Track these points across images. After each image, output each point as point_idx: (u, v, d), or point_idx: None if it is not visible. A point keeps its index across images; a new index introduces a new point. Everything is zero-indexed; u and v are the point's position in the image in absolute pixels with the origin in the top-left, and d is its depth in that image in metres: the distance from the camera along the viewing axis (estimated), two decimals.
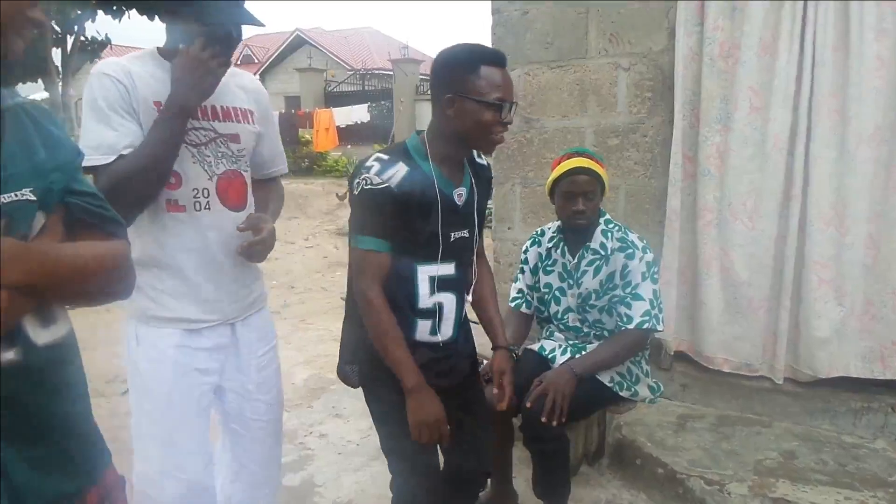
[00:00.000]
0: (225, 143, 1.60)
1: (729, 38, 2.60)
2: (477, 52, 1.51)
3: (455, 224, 1.62)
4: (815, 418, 2.71)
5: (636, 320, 2.18)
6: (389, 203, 1.50)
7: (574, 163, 2.21)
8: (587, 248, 2.28)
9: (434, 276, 1.61)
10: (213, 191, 1.58)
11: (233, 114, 1.63)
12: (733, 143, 2.64)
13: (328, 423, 3.28)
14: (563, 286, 2.36)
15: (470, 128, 1.52)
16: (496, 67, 1.51)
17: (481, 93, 1.48)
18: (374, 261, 1.55)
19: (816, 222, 2.53)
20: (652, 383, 2.40)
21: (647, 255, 2.22)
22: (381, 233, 1.53)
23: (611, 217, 2.34)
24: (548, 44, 3.07)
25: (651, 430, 2.70)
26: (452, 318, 1.69)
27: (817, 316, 2.57)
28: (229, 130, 1.62)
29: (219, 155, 1.59)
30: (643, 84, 2.88)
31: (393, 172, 1.51)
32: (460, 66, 1.51)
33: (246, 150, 1.67)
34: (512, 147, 3.25)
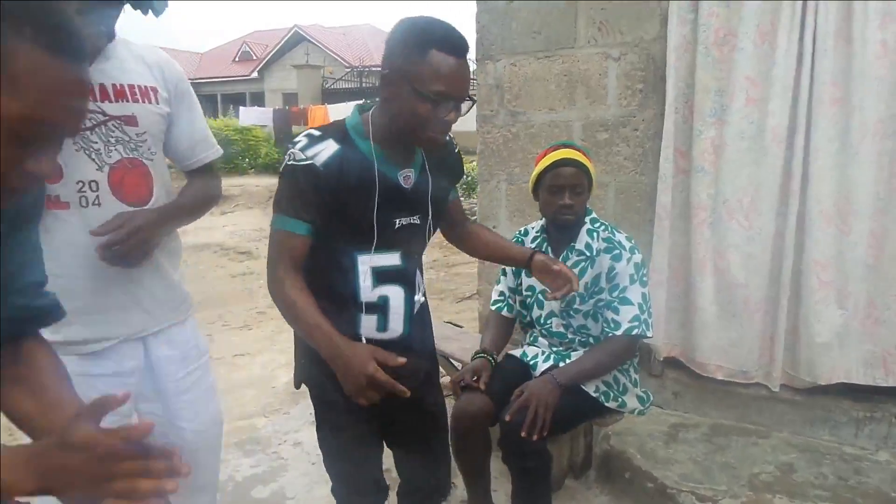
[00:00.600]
0: (118, 126, 1.39)
1: (725, 26, 2.45)
2: (432, 31, 1.31)
3: (400, 209, 1.46)
4: (814, 428, 2.58)
5: (624, 326, 2.05)
6: (313, 182, 1.34)
7: (560, 154, 2.07)
8: (572, 249, 2.15)
9: (377, 267, 1.46)
10: (105, 183, 1.37)
11: (128, 92, 1.41)
12: (729, 137, 2.50)
13: (304, 431, 3.14)
14: (544, 288, 2.22)
15: (401, 116, 1.35)
16: (450, 56, 1.30)
17: (421, 81, 1.29)
18: (290, 244, 1.37)
19: (817, 220, 2.40)
20: (641, 393, 2.26)
21: (636, 257, 2.08)
22: (300, 214, 1.36)
23: (598, 216, 2.20)
24: (534, 33, 2.92)
25: (641, 441, 2.57)
26: (401, 312, 1.52)
27: (817, 319, 2.44)
28: (123, 111, 1.40)
29: (111, 141, 1.38)
30: (634, 75, 2.74)
31: (320, 149, 1.35)
32: (409, 42, 1.31)
33: (149, 133, 1.46)
34: (497, 142, 3.11)
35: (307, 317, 1.32)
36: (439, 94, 1.30)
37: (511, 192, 3.12)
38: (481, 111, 3.13)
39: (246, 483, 2.71)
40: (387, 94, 1.36)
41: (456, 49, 1.31)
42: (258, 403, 3.71)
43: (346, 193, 1.36)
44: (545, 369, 2.16)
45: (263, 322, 5.42)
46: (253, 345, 4.76)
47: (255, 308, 5.88)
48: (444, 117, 1.33)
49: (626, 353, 2.14)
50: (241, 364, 4.38)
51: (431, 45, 1.29)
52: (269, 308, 5.81)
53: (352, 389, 1.31)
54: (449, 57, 1.30)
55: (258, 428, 3.29)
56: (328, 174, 1.34)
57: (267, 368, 4.20)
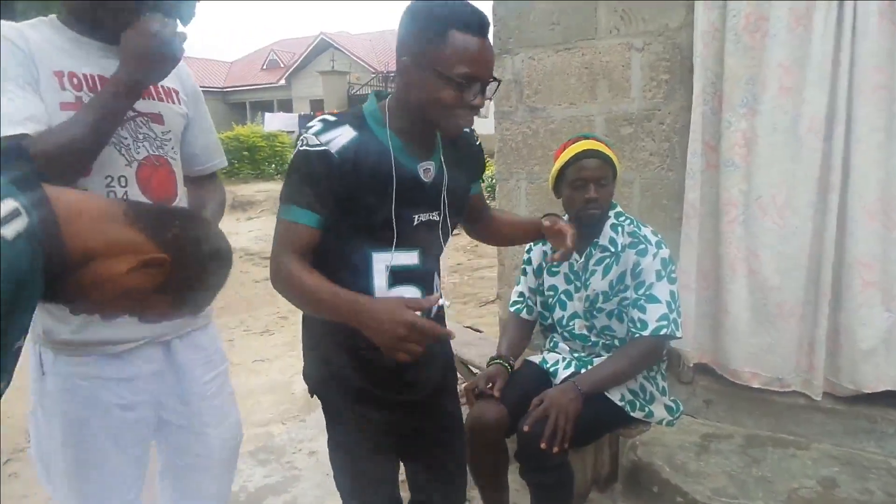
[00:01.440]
0: (146, 123, 1.38)
1: (756, 10, 2.31)
2: (450, 10, 1.21)
3: (419, 204, 1.36)
4: (858, 440, 2.41)
5: (651, 326, 1.91)
6: (326, 170, 1.24)
7: (581, 146, 1.97)
8: (595, 245, 2.03)
9: (393, 266, 1.35)
10: (133, 179, 1.34)
11: (154, 91, 1.41)
12: (761, 129, 2.35)
13: (320, 440, 3.03)
14: (569, 289, 2.10)
15: (427, 103, 1.25)
16: (472, 35, 1.21)
17: (445, 64, 1.20)
18: (298, 235, 1.27)
19: (859, 217, 2.23)
20: (670, 402, 2.12)
21: (662, 252, 1.95)
22: (312, 204, 1.26)
23: (622, 210, 2.08)
24: (553, 24, 2.80)
25: (670, 452, 2.43)
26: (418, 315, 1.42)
27: (861, 323, 2.27)
28: (151, 109, 1.40)
29: (139, 137, 1.37)
30: (659, 66, 2.60)
31: (336, 135, 1.26)
32: (425, 25, 1.22)
33: (172, 133, 1.45)
34: (516, 139, 2.99)
35: (322, 291, 1.22)
36: (465, 76, 1.21)
37: (531, 192, 3.00)
38: (499, 107, 3.03)
39: (258, 493, 2.64)
40: (407, 81, 1.27)
41: (477, 28, 1.22)
42: (275, 410, 3.65)
43: (361, 184, 1.28)
44: (566, 377, 2.04)
45: (285, 327, 5.39)
46: (273, 350, 4.72)
47: (277, 313, 5.86)
48: (472, 101, 1.25)
49: (654, 356, 2.01)
50: (260, 369, 4.34)
51: (451, 25, 1.20)
52: (290, 313, 5.78)
53: (389, 344, 1.17)
54: (471, 37, 1.21)
55: (274, 436, 3.22)
56: (343, 162, 1.25)
57: (286, 374, 4.14)
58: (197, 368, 1.52)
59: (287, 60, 31.15)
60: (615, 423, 2.10)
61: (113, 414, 1.36)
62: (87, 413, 1.34)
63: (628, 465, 2.47)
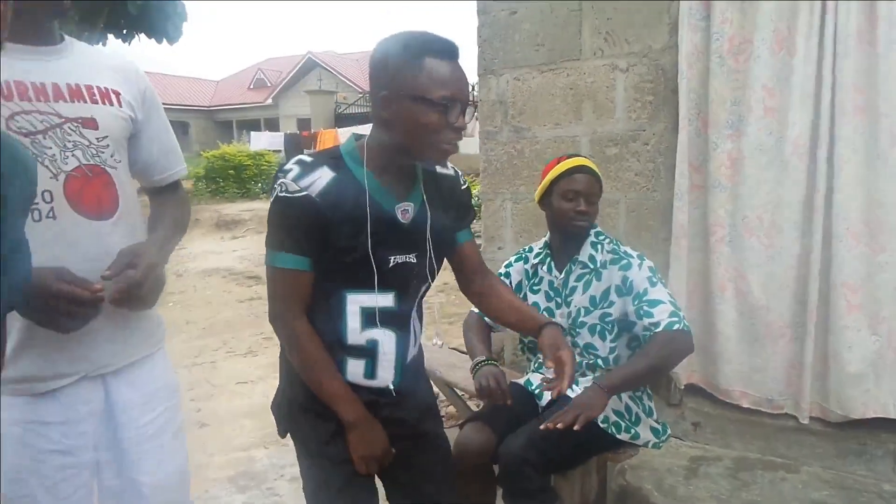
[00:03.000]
0: (76, 129, 1.25)
1: (739, 33, 2.32)
2: (421, 40, 1.23)
3: (396, 246, 1.34)
4: (848, 462, 2.39)
5: (664, 322, 1.84)
6: (308, 214, 1.23)
7: (576, 161, 1.98)
8: (575, 262, 2.01)
9: (365, 308, 1.33)
10: (60, 193, 1.22)
11: (84, 92, 1.28)
12: (747, 150, 2.36)
13: None
14: (550, 306, 2.07)
15: (412, 133, 1.24)
16: (444, 60, 1.23)
17: (423, 90, 1.21)
18: (293, 282, 1.28)
19: (844, 238, 2.23)
20: (656, 424, 2.08)
21: (646, 262, 1.95)
22: (301, 249, 1.27)
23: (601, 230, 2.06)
24: (538, 45, 2.81)
25: (659, 476, 2.39)
26: (392, 360, 1.39)
27: (848, 347, 2.26)
28: (80, 113, 1.26)
29: (68, 145, 1.24)
30: (643, 87, 2.61)
31: (315, 178, 1.25)
32: (399, 57, 1.23)
33: (111, 138, 1.31)
34: (501, 159, 2.98)
35: (329, 380, 1.33)
36: (446, 98, 1.22)
37: (517, 212, 2.99)
38: (484, 127, 3.02)
39: None
40: (387, 115, 1.26)
41: (449, 52, 1.24)
42: (258, 434, 3.57)
43: (339, 225, 1.26)
44: (551, 400, 2.00)
45: (269, 348, 5.29)
46: (256, 371, 4.63)
47: (261, 334, 5.76)
48: (455, 123, 1.25)
49: (678, 345, 1.87)
50: (242, 392, 4.25)
51: (424, 53, 1.22)
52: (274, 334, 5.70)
53: (360, 459, 1.37)
54: (444, 61, 1.23)
55: (255, 461, 3.14)
56: (325, 205, 1.24)
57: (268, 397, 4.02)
58: (134, 409, 1.37)
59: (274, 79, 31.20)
60: (601, 447, 2.05)
61: (47, 461, 1.24)
62: (20, 462, 1.22)
63: (617, 489, 2.43)
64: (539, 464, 1.79)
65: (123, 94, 1.35)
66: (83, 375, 1.28)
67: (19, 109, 1.18)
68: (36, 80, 1.21)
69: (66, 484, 1.27)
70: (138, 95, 1.40)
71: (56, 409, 1.25)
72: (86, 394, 1.30)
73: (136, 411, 1.37)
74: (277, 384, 1.50)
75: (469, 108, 1.28)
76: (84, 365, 1.27)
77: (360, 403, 1.34)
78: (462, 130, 1.27)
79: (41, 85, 1.22)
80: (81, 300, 1.16)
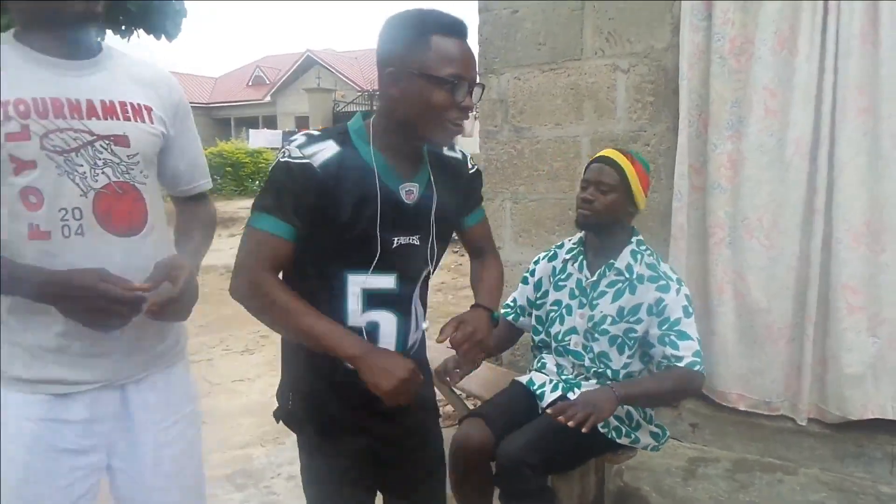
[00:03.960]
0: (107, 146, 1.26)
1: (741, 33, 2.32)
2: (429, 18, 1.23)
3: (400, 227, 1.31)
4: (846, 464, 2.40)
5: (686, 360, 1.83)
6: (307, 183, 1.20)
7: (603, 152, 1.96)
8: (610, 267, 1.97)
9: (367, 290, 1.31)
10: (89, 210, 1.23)
11: (118, 109, 1.28)
12: (747, 152, 2.36)
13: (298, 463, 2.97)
14: (571, 304, 2.05)
15: (417, 111, 1.23)
16: (453, 38, 1.22)
17: (431, 67, 1.20)
18: (273, 247, 1.22)
19: (844, 239, 2.23)
20: (655, 429, 2.08)
21: (684, 289, 1.90)
22: (289, 216, 1.22)
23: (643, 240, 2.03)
24: (539, 44, 2.80)
25: (657, 478, 2.39)
26: (392, 343, 1.36)
27: (847, 349, 2.26)
28: (112, 131, 1.26)
29: (98, 163, 1.24)
30: (644, 87, 2.61)
31: (319, 149, 1.23)
32: (407, 34, 1.22)
33: (141, 155, 1.31)
34: (501, 159, 2.97)
35: (315, 323, 1.20)
36: (454, 76, 1.21)
37: (516, 212, 2.98)
38: (484, 127, 3.01)
39: None
40: (393, 92, 1.25)
41: (457, 30, 1.24)
42: (255, 432, 3.56)
43: (341, 201, 1.23)
44: (553, 399, 1.99)
45: (265, 346, 5.29)
46: (253, 369, 4.62)
47: (258, 331, 5.75)
48: (462, 102, 1.23)
49: (691, 386, 1.88)
50: (240, 390, 4.24)
51: (431, 30, 1.21)
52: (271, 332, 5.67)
53: (390, 392, 1.19)
54: (452, 39, 1.22)
55: (252, 459, 3.13)
56: (325, 176, 1.21)
57: (266, 394, 4.04)
58: (155, 413, 1.38)
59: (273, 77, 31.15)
60: (600, 449, 2.05)
61: (59, 459, 1.25)
62: (31, 460, 1.22)
63: (615, 490, 2.43)
64: (537, 465, 1.78)
65: (155, 110, 1.35)
66: (103, 385, 1.29)
67: (55, 128, 1.18)
68: (72, 96, 1.21)
69: (74, 486, 1.27)
70: (171, 109, 1.40)
71: (74, 408, 1.26)
72: (105, 397, 1.30)
73: (155, 415, 1.37)
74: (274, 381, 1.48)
75: (476, 88, 1.26)
76: (98, 374, 1.28)
77: (357, 336, 1.24)
78: (469, 110, 1.26)
79: (76, 102, 1.22)
80: (124, 300, 1.17)
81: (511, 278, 2.59)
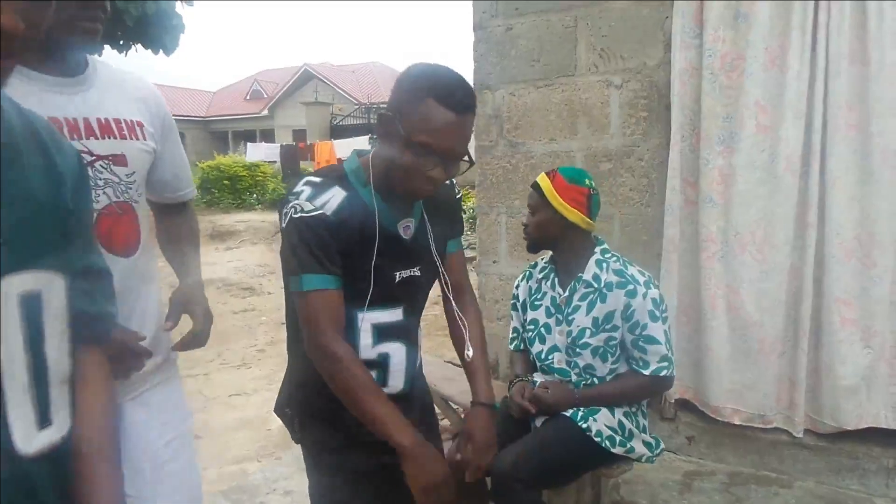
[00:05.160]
0: (107, 167, 1.24)
1: (732, 50, 2.35)
2: (435, 79, 1.21)
3: (401, 262, 1.35)
4: (841, 477, 2.39)
5: (653, 366, 1.90)
6: (327, 234, 1.22)
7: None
8: (579, 280, 2.00)
9: (378, 324, 1.34)
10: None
11: (114, 127, 1.26)
12: (739, 166, 2.38)
13: (295, 478, 2.96)
14: (549, 322, 2.07)
15: (392, 163, 1.25)
16: (446, 109, 1.19)
17: (411, 128, 1.19)
18: (325, 302, 1.24)
19: (837, 253, 2.25)
20: (649, 439, 2.08)
21: (652, 292, 1.92)
22: (325, 267, 1.23)
23: (609, 248, 2.06)
24: (534, 61, 2.83)
25: (653, 491, 2.39)
26: (402, 370, 1.41)
27: (841, 360, 2.27)
28: (113, 150, 1.25)
29: (99, 183, 1.22)
30: (637, 103, 2.63)
31: (328, 198, 1.25)
32: (408, 86, 1.23)
33: (137, 174, 1.31)
34: (496, 173, 3.00)
35: (378, 406, 1.26)
36: (424, 145, 1.19)
37: (511, 226, 2.99)
38: (479, 142, 3.03)
39: None
40: (381, 132, 1.28)
41: (455, 103, 1.20)
42: (251, 447, 3.54)
43: (350, 244, 1.26)
44: (545, 419, 2.00)
45: (262, 360, 5.27)
46: (250, 384, 4.61)
47: (255, 346, 5.74)
48: (428, 172, 1.22)
49: (651, 392, 2.02)
50: (236, 404, 4.23)
51: (429, 93, 1.19)
52: (268, 345, 5.68)
53: (423, 490, 1.28)
54: (444, 109, 1.19)
55: (248, 474, 3.12)
56: (338, 223, 1.23)
57: (262, 409, 4.03)
58: (151, 431, 1.37)
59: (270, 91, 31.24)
60: (595, 460, 2.04)
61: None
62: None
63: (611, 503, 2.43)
64: (530, 480, 1.79)
65: (146, 126, 1.35)
66: None
67: None
68: (69, 115, 1.19)
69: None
70: (158, 124, 1.39)
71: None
72: None
73: (153, 433, 1.37)
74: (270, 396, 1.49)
75: (455, 163, 1.25)
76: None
77: (412, 427, 1.27)
78: (436, 182, 1.25)
79: (74, 121, 1.19)
80: (138, 351, 1.20)
81: (507, 291, 2.60)
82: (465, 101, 1.21)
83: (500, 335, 2.98)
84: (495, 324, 3.05)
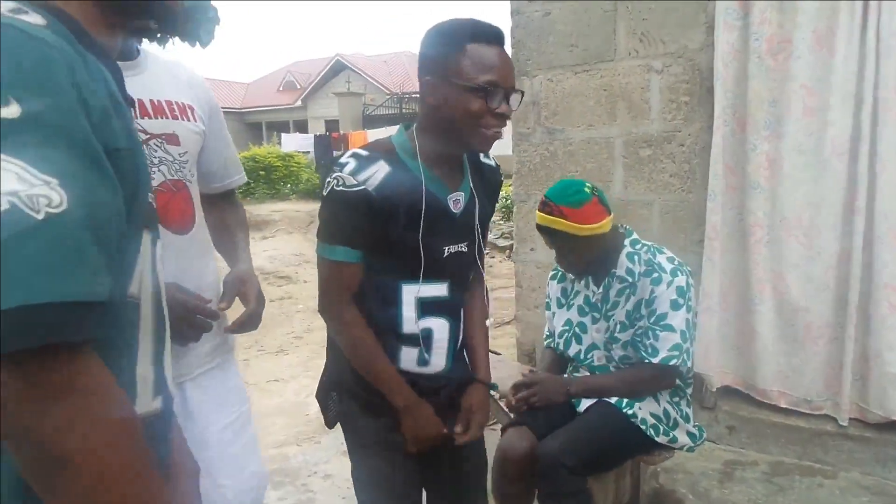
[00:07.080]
0: (161, 145, 1.29)
1: (778, 32, 2.29)
2: (464, 26, 1.26)
3: (450, 236, 1.37)
4: (889, 469, 2.34)
5: (662, 354, 1.88)
6: (364, 209, 1.25)
7: (538, 218, 1.92)
8: (613, 276, 1.98)
9: (421, 298, 1.36)
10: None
11: (166, 108, 1.31)
12: (785, 151, 2.32)
13: (334, 462, 3.02)
14: (583, 321, 2.06)
15: (455, 119, 1.26)
16: (488, 45, 1.25)
17: (466, 75, 1.23)
18: (344, 274, 1.32)
19: (886, 239, 2.18)
20: (693, 429, 2.07)
21: (678, 280, 1.89)
22: (354, 242, 1.30)
23: (639, 237, 2.03)
24: (572, 46, 2.80)
25: (693, 480, 2.36)
26: (445, 347, 1.42)
27: (889, 348, 2.21)
28: (166, 129, 1.30)
29: (153, 161, 1.27)
30: (679, 87, 2.59)
31: (372, 172, 1.26)
32: (443, 43, 1.26)
33: (189, 153, 1.36)
34: (534, 161, 2.98)
35: (380, 368, 1.36)
36: (488, 83, 1.23)
37: None
38: (517, 129, 3.02)
39: None
40: (432, 101, 1.29)
41: (491, 38, 1.26)
42: (290, 431, 3.62)
43: (395, 218, 1.28)
44: (590, 404, 2.01)
45: (299, 347, 5.36)
46: (287, 370, 4.70)
47: (292, 333, 5.84)
48: (497, 109, 1.26)
49: (657, 384, 1.97)
50: (274, 390, 4.32)
51: (466, 39, 1.24)
52: (305, 333, 5.77)
53: (413, 440, 1.40)
54: (487, 46, 1.25)
55: (288, 458, 3.19)
56: (382, 199, 1.26)
57: (300, 395, 4.11)
58: (211, 413, 1.42)
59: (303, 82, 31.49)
60: (639, 448, 2.05)
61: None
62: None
63: (650, 492, 2.41)
64: (575, 466, 1.80)
65: (196, 109, 1.40)
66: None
67: None
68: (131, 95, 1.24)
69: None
70: (207, 109, 1.44)
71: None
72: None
73: (213, 415, 1.42)
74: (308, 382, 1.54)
75: (514, 95, 1.28)
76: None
77: (409, 388, 1.37)
78: (505, 117, 1.28)
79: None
80: (208, 313, 1.26)
81: (544, 280, 2.59)
82: (497, 33, 1.28)
83: (536, 324, 2.97)
84: (533, 312, 3.05)
